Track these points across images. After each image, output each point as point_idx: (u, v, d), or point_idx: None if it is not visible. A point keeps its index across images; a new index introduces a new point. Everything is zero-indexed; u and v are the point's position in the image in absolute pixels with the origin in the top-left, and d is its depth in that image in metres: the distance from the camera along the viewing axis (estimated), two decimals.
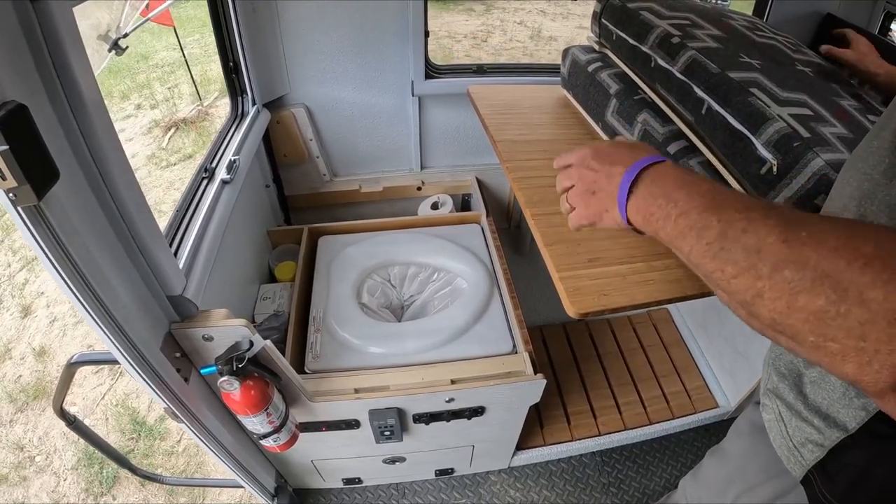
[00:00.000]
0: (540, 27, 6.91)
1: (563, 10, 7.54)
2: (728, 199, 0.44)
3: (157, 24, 4.06)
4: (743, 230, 0.41)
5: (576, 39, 6.46)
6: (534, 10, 7.53)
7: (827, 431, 0.53)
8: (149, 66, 5.26)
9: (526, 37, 6.63)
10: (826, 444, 0.54)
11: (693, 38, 0.99)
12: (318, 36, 1.56)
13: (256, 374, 0.93)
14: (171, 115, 4.34)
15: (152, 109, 4.44)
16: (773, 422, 0.63)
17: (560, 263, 0.95)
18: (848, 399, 0.50)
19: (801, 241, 0.37)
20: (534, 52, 6.25)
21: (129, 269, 0.78)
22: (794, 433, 0.58)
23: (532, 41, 6.52)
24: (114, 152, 0.69)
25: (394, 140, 1.87)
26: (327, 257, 1.51)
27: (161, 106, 4.48)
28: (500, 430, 1.39)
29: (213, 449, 1.06)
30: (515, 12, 7.47)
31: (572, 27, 6.95)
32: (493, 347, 1.29)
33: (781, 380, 0.60)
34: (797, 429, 0.57)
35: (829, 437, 0.53)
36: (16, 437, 2.00)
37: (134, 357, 0.78)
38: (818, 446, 0.55)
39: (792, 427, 0.58)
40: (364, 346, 1.27)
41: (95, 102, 0.65)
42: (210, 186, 1.19)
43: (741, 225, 0.41)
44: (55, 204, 0.60)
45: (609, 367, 1.87)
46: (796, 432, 0.58)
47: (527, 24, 7.04)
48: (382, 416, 1.18)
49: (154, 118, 4.30)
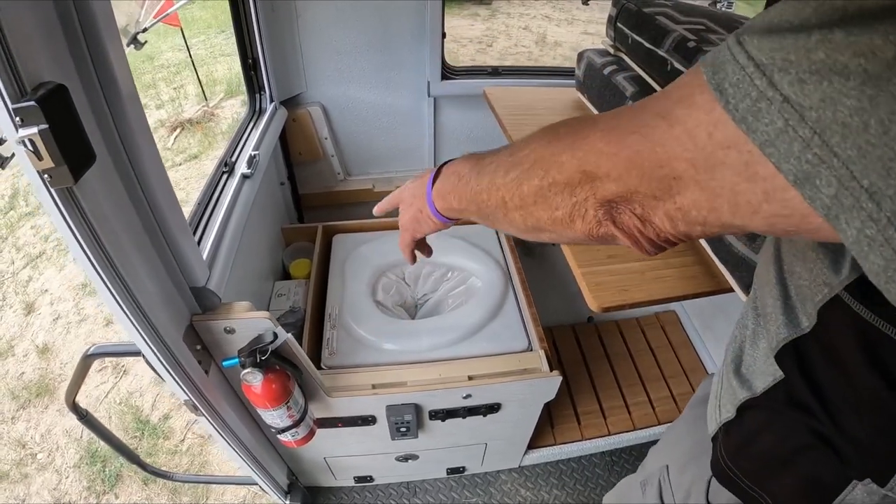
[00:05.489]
0: (545, 33, 6.93)
1: (567, 15, 7.57)
2: (489, 153, 0.52)
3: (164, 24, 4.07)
4: (490, 163, 0.50)
5: (581, 45, 6.41)
6: (538, 16, 7.57)
7: (739, 391, 0.57)
8: (154, 66, 5.28)
9: (531, 42, 6.65)
10: (735, 402, 0.57)
11: (709, 43, 1.01)
12: (336, 35, 1.57)
13: (278, 367, 0.92)
14: (176, 116, 4.34)
15: (157, 110, 4.45)
16: (715, 384, 0.67)
17: (581, 259, 0.96)
18: (766, 366, 0.53)
19: (520, 147, 0.46)
20: (539, 57, 6.27)
21: (154, 259, 0.78)
22: (722, 394, 0.62)
23: (537, 46, 6.54)
24: (145, 141, 0.69)
25: (408, 140, 1.88)
26: (342, 255, 1.51)
27: (166, 106, 4.49)
28: (513, 428, 1.39)
29: (231, 443, 1.06)
30: (520, 17, 7.51)
31: (577, 33, 6.96)
32: (508, 345, 1.29)
33: (732, 342, 0.64)
34: (725, 390, 0.61)
35: (739, 395, 0.56)
36: (18, 434, 1.99)
37: (158, 347, 0.77)
38: (732, 406, 0.59)
39: (723, 388, 0.62)
40: (380, 342, 1.27)
41: (129, 90, 0.65)
42: (231, 181, 1.19)
43: (489, 160, 0.51)
44: (88, 188, 0.59)
45: (618, 367, 1.89)
46: (724, 393, 0.61)
47: (532, 30, 7.06)
48: (399, 411, 1.17)
49: (159, 118, 4.31)
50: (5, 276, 2.77)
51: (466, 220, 0.59)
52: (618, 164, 0.36)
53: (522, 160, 0.44)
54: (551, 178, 0.41)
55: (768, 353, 0.51)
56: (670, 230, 0.36)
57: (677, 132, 0.32)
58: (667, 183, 0.34)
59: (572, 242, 0.46)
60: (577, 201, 0.40)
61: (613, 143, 0.36)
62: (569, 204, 0.40)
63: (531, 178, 0.43)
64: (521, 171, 0.44)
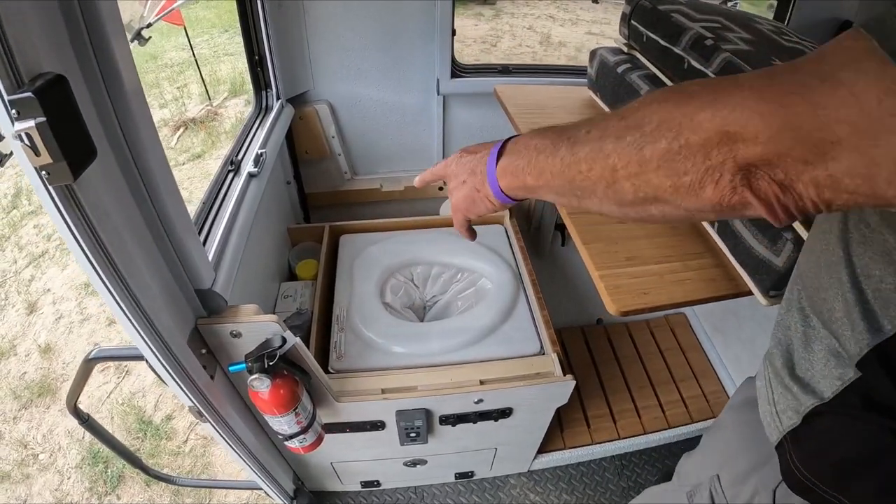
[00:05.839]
0: (549, 32, 6.90)
1: (571, 15, 7.53)
2: (575, 124, 0.48)
3: (167, 23, 4.06)
4: (587, 132, 0.45)
5: (585, 45, 6.45)
6: (542, 16, 7.52)
7: (803, 398, 0.55)
8: (157, 65, 5.26)
9: (535, 42, 6.62)
10: (801, 410, 0.56)
11: (726, 41, 0.99)
12: (343, 32, 1.54)
13: (286, 372, 0.89)
14: (179, 115, 4.33)
15: (161, 109, 4.42)
16: (762, 388, 0.65)
17: (599, 262, 0.93)
18: (828, 370, 0.52)
19: (634, 110, 0.42)
20: (543, 57, 6.22)
21: (158, 260, 0.75)
22: (778, 399, 0.60)
23: (541, 46, 6.50)
24: (149, 137, 0.66)
25: (417, 139, 1.85)
26: (349, 256, 1.48)
27: (170, 105, 4.47)
28: (524, 433, 1.37)
29: (236, 448, 1.03)
30: (524, 17, 7.46)
31: (581, 33, 6.91)
32: (520, 348, 1.26)
33: (776, 345, 0.62)
34: (781, 395, 0.59)
35: (805, 403, 0.55)
36: (19, 434, 1.97)
37: (162, 352, 0.74)
38: (795, 412, 0.57)
39: (777, 394, 0.60)
40: (389, 345, 1.24)
41: (133, 83, 0.62)
42: (237, 179, 1.16)
43: (584, 129, 0.46)
44: (88, 186, 0.56)
45: (628, 370, 1.88)
46: (780, 399, 0.60)
47: (536, 30, 7.02)
48: (410, 417, 1.14)
49: (163, 118, 4.29)
50: (7, 275, 2.75)
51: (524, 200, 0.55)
52: (771, 124, 0.34)
53: (642, 122, 0.40)
54: (683, 139, 0.37)
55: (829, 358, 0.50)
56: (814, 197, 0.34)
57: (842, 95, 0.31)
58: (822, 148, 0.32)
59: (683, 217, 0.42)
60: (712, 165, 0.36)
61: (768, 102, 0.34)
62: (701, 168, 0.37)
63: (657, 140, 0.39)
64: (641, 135, 0.40)
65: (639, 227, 1.03)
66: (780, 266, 0.84)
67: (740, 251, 0.92)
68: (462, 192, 0.62)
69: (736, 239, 0.91)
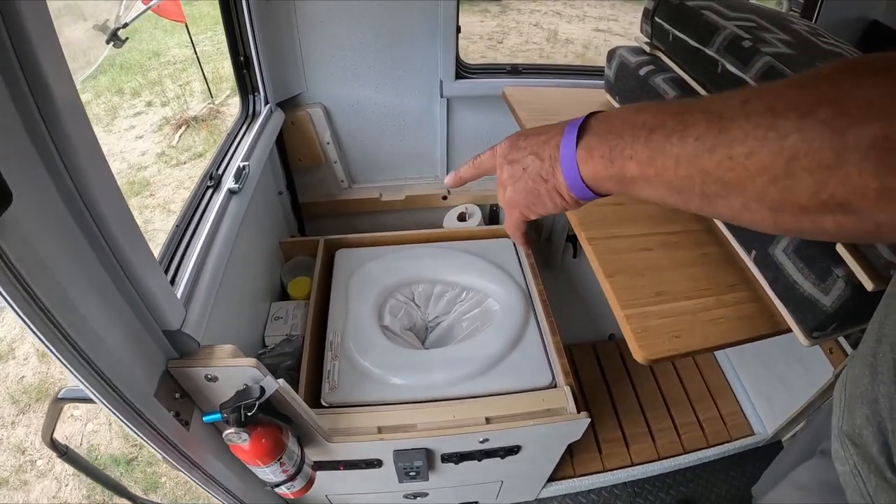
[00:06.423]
0: (556, 29, 6.80)
1: (578, 12, 7.44)
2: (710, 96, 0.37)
3: (169, 20, 3.98)
4: (743, 101, 0.33)
5: (592, 42, 6.36)
6: (549, 12, 7.44)
7: None
8: (160, 63, 5.19)
9: (542, 39, 6.52)
10: None
11: (765, 43, 0.88)
12: (339, 30, 1.43)
13: (268, 421, 0.80)
14: (181, 113, 4.26)
15: (163, 107, 4.37)
16: (847, 475, 0.51)
17: (624, 299, 0.82)
18: None
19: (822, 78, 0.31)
20: (550, 54, 6.13)
21: (119, 303, 0.65)
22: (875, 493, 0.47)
23: (548, 43, 6.40)
24: (93, 163, 0.56)
25: (418, 144, 1.75)
26: (345, 273, 1.38)
27: (172, 103, 4.41)
28: (533, 467, 1.28)
29: (220, 497, 0.93)
30: (531, 14, 7.38)
31: (589, 30, 6.82)
32: (530, 380, 1.15)
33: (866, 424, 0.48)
34: (878, 489, 0.46)
35: None
36: (17, 439, 1.95)
37: (122, 409, 0.64)
38: None
39: (871, 485, 0.47)
40: (387, 376, 1.13)
41: (68, 99, 0.51)
42: (216, 197, 1.06)
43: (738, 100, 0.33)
44: (12, 233, 0.46)
45: (641, 389, 1.79)
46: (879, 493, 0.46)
47: (542, 26, 6.93)
48: (408, 457, 1.05)
49: (164, 115, 4.23)
50: None
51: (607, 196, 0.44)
52: None
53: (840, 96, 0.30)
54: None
55: None
56: None
57: None
58: None
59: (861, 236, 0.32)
60: None
61: None
62: None
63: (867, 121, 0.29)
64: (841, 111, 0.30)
65: (666, 255, 0.92)
66: (829, 306, 0.73)
67: (781, 285, 0.81)
68: (521, 183, 0.48)
69: (777, 271, 0.80)
